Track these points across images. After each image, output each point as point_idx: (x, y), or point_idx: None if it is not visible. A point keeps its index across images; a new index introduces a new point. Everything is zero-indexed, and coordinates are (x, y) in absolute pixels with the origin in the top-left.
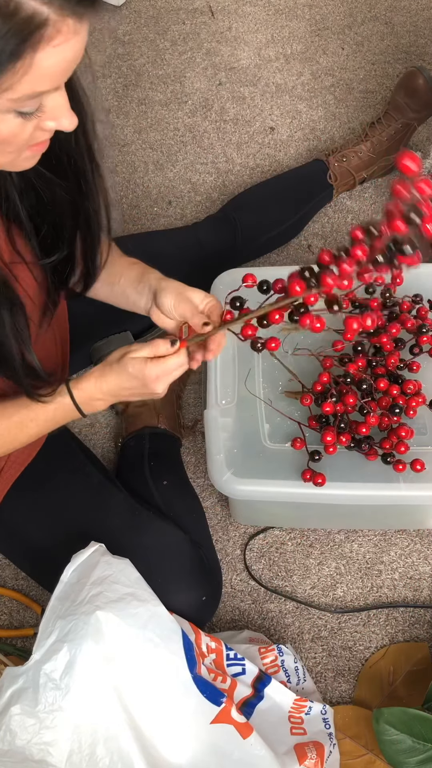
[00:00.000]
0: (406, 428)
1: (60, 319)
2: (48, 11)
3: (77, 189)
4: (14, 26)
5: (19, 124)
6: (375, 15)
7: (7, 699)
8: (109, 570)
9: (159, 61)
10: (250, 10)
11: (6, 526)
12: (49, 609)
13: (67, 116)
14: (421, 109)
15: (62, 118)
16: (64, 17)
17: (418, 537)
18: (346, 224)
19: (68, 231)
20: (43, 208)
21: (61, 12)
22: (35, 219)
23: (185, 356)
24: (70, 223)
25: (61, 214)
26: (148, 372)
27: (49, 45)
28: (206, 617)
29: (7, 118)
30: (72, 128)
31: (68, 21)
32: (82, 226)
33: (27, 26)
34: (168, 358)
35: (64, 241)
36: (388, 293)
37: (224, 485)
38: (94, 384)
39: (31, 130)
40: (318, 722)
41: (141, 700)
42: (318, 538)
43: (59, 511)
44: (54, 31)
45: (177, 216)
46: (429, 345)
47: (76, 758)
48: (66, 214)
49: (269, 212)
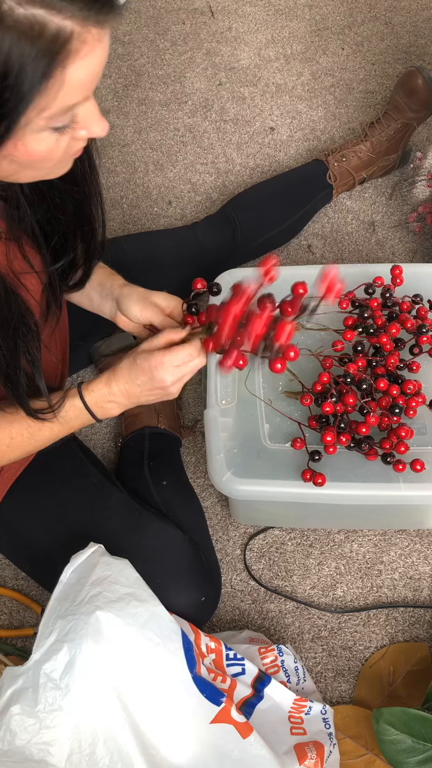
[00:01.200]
0: (406, 428)
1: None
2: (71, 25)
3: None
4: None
5: (55, 139)
6: (375, 15)
7: (7, 699)
8: (108, 570)
9: (159, 61)
10: (250, 10)
11: (6, 526)
12: (49, 609)
13: (98, 123)
14: (421, 109)
15: (94, 126)
16: (87, 27)
17: (418, 537)
18: (346, 224)
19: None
20: (53, 217)
21: (84, 23)
22: (45, 228)
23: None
24: (76, 228)
25: (69, 221)
26: (155, 360)
27: (77, 58)
28: (206, 617)
29: (42, 136)
30: (104, 134)
31: (92, 30)
32: (86, 228)
33: (54, 44)
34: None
35: (70, 246)
36: (388, 293)
37: (224, 485)
38: (105, 385)
39: (66, 143)
40: (318, 722)
41: (141, 700)
42: (318, 538)
43: (59, 512)
44: (80, 43)
45: (177, 216)
46: (429, 345)
47: (76, 758)
48: (74, 221)
49: (269, 212)
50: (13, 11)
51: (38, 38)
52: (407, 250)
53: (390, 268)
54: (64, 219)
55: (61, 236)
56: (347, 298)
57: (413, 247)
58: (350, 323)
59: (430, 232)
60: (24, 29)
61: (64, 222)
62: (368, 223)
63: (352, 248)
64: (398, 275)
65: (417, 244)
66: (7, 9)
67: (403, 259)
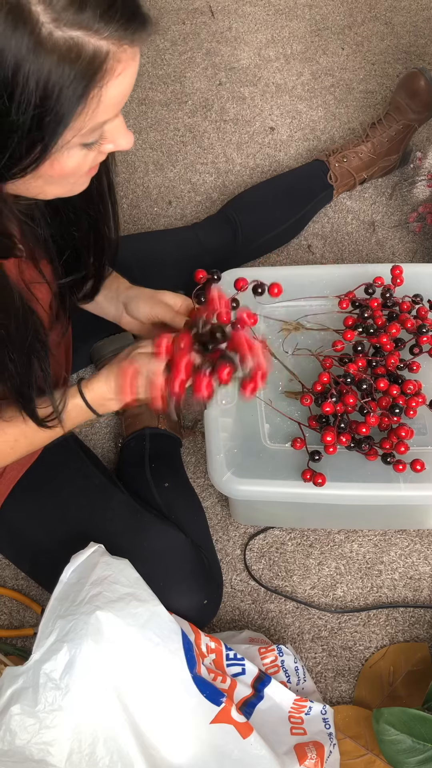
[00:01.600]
0: (406, 428)
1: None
2: (107, 45)
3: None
4: (80, 69)
5: (84, 155)
6: (375, 15)
7: (7, 699)
8: (108, 570)
9: (159, 61)
10: (250, 10)
11: (7, 527)
12: (49, 609)
13: (124, 136)
14: (422, 110)
15: (120, 139)
16: (122, 47)
17: (418, 537)
18: (346, 224)
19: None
20: (66, 231)
21: (120, 42)
22: (59, 242)
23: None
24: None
25: (82, 237)
26: (153, 365)
27: (112, 77)
28: (207, 619)
29: (73, 153)
30: (130, 147)
31: (126, 49)
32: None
33: (91, 66)
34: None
35: (83, 261)
36: (388, 293)
37: (224, 485)
38: (105, 383)
39: (93, 157)
40: (318, 722)
41: (141, 700)
42: (318, 538)
43: (60, 512)
44: (115, 63)
45: (177, 216)
46: (429, 345)
47: (76, 758)
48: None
49: (269, 212)
50: (52, 35)
51: (76, 60)
52: (407, 250)
53: (390, 268)
54: (78, 235)
55: (74, 250)
56: (347, 298)
57: (413, 247)
58: (350, 323)
59: (430, 232)
60: (62, 52)
61: (78, 238)
62: (368, 223)
63: (352, 248)
64: (398, 275)
65: (417, 244)
66: (46, 33)
67: (403, 259)
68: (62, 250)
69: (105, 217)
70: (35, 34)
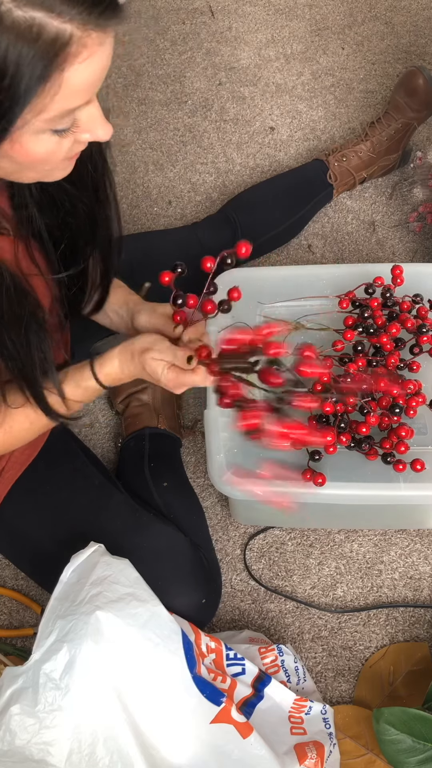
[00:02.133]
0: (406, 428)
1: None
2: (71, 28)
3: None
4: (39, 50)
5: (56, 142)
6: (375, 15)
7: (7, 699)
8: (108, 570)
9: (159, 61)
10: (250, 10)
11: (6, 527)
12: (49, 609)
13: (102, 127)
14: (421, 109)
15: (97, 129)
16: (87, 32)
17: (418, 537)
18: (346, 224)
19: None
20: (62, 222)
21: (84, 27)
22: (55, 233)
23: (203, 375)
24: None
25: (79, 228)
26: (164, 379)
27: (75, 62)
28: (206, 619)
29: (42, 138)
30: (107, 138)
31: (92, 34)
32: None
33: (52, 48)
34: (186, 373)
35: (80, 255)
36: (388, 293)
37: (224, 485)
38: (119, 368)
39: (68, 146)
40: (318, 722)
41: (141, 700)
42: (318, 538)
43: (60, 512)
44: (79, 47)
45: (177, 216)
46: (429, 345)
47: (76, 758)
48: (84, 227)
49: (269, 212)
50: (11, 12)
51: (36, 40)
52: (407, 250)
53: (390, 268)
54: (75, 225)
55: (70, 242)
56: (347, 298)
57: (413, 246)
58: (350, 323)
59: (430, 231)
60: (21, 31)
61: (76, 228)
62: (368, 222)
63: (352, 248)
64: (399, 275)
65: (417, 244)
66: (6, 10)
67: (403, 258)
68: (58, 241)
69: (104, 207)
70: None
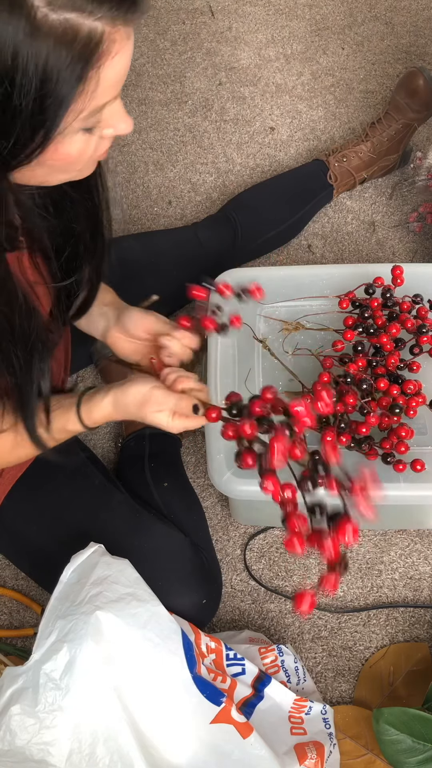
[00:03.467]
0: (406, 428)
1: None
2: (101, 26)
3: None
4: (77, 51)
5: (86, 140)
6: (375, 15)
7: (7, 699)
8: (108, 570)
9: (159, 61)
10: (250, 10)
11: (6, 527)
12: (49, 609)
13: (124, 120)
14: (422, 110)
15: (119, 123)
16: (116, 27)
17: (418, 537)
18: (346, 224)
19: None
20: (65, 228)
21: (114, 23)
22: (58, 240)
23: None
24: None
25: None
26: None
27: (108, 58)
28: (206, 619)
29: (75, 138)
30: (129, 131)
31: (120, 29)
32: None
33: (87, 47)
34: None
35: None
36: (388, 293)
37: (224, 485)
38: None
39: (95, 143)
40: (318, 722)
41: (141, 700)
42: None
43: (60, 512)
44: (110, 43)
45: (177, 216)
46: (429, 345)
47: (76, 758)
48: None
49: (269, 212)
50: (47, 18)
51: (72, 42)
52: (407, 250)
53: (390, 268)
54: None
55: (73, 249)
56: (347, 298)
57: (413, 247)
58: (350, 323)
59: (430, 232)
60: (59, 35)
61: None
62: (368, 223)
63: (352, 248)
64: (399, 275)
65: (417, 244)
66: (42, 17)
67: (403, 259)
68: (61, 249)
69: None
70: (31, 19)
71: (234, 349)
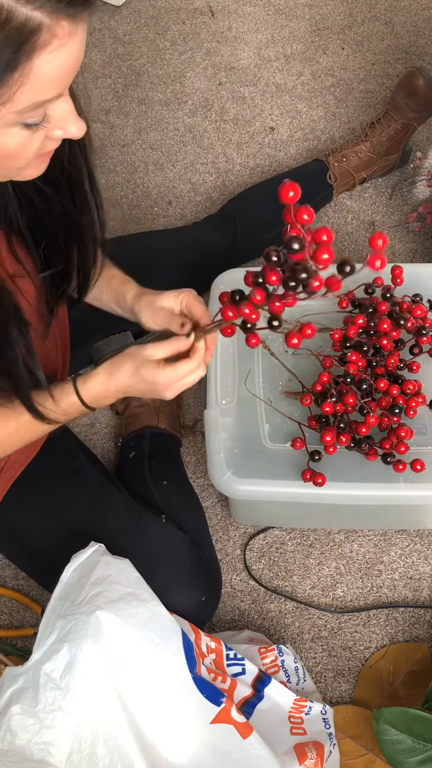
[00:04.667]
0: (406, 428)
1: (61, 323)
2: (40, 16)
3: (72, 202)
4: (7, 35)
5: (27, 136)
6: (375, 15)
7: (7, 699)
8: (108, 570)
9: (159, 61)
10: (250, 10)
11: (6, 526)
12: (49, 609)
13: (74, 123)
14: (421, 109)
15: (69, 126)
16: (57, 20)
17: (418, 537)
18: (346, 224)
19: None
20: (41, 221)
21: (55, 15)
22: (35, 231)
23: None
24: (66, 237)
25: (57, 228)
26: (160, 378)
27: (44, 51)
28: (206, 618)
29: (12, 131)
30: (81, 135)
31: (62, 24)
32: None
33: (20, 34)
34: (179, 363)
35: (61, 253)
36: (388, 293)
37: (224, 485)
38: (103, 384)
39: (39, 141)
40: (318, 722)
41: (141, 700)
42: (318, 538)
43: (59, 512)
44: (49, 36)
45: (177, 216)
46: (429, 345)
47: (76, 758)
48: (61, 227)
49: (269, 212)
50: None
51: (3, 25)
52: (407, 250)
53: (390, 268)
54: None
55: (49, 241)
56: (347, 298)
57: (413, 247)
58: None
59: (430, 232)
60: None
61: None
62: (368, 223)
63: (352, 248)
64: (398, 275)
65: (417, 244)
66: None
67: (403, 259)
68: (38, 240)
69: (83, 209)
70: None
71: (234, 349)
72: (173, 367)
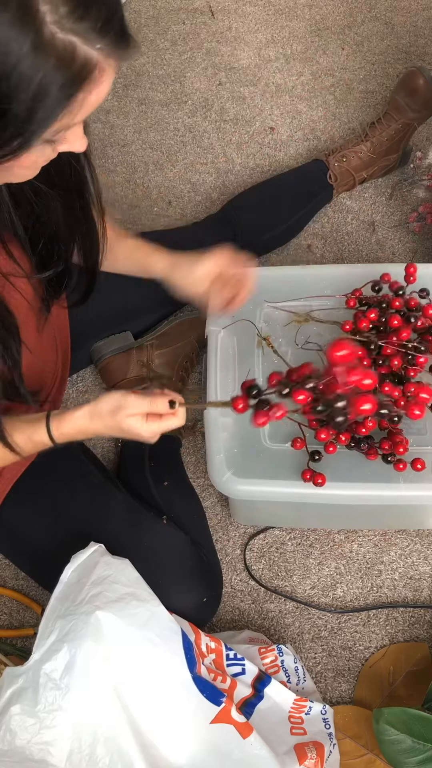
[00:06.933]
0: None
1: (61, 325)
2: (97, 55)
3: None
4: (72, 73)
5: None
6: (375, 15)
7: (7, 699)
8: (108, 570)
9: (159, 61)
10: (250, 10)
11: (6, 527)
12: (49, 609)
13: (81, 140)
14: (421, 109)
15: (76, 142)
16: (108, 59)
17: (418, 537)
18: (346, 224)
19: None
20: (38, 221)
21: (108, 55)
22: (31, 232)
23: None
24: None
25: (57, 227)
26: (144, 432)
27: (96, 85)
28: (207, 618)
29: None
30: (83, 150)
31: (110, 61)
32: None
33: (82, 72)
34: (165, 418)
35: (60, 254)
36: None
37: (224, 485)
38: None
39: (48, 154)
40: (318, 722)
41: (141, 700)
42: (318, 538)
43: (60, 512)
44: (100, 72)
45: (177, 216)
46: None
47: (76, 758)
48: (62, 226)
49: (269, 212)
50: (54, 36)
51: (70, 64)
52: (407, 250)
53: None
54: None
55: (47, 241)
56: (354, 297)
57: (413, 247)
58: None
59: (430, 232)
60: (60, 54)
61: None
62: (368, 223)
63: (352, 248)
64: (412, 273)
65: (417, 244)
66: (49, 34)
67: (403, 259)
68: (35, 241)
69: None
70: (40, 33)
71: (234, 349)
72: (158, 423)
